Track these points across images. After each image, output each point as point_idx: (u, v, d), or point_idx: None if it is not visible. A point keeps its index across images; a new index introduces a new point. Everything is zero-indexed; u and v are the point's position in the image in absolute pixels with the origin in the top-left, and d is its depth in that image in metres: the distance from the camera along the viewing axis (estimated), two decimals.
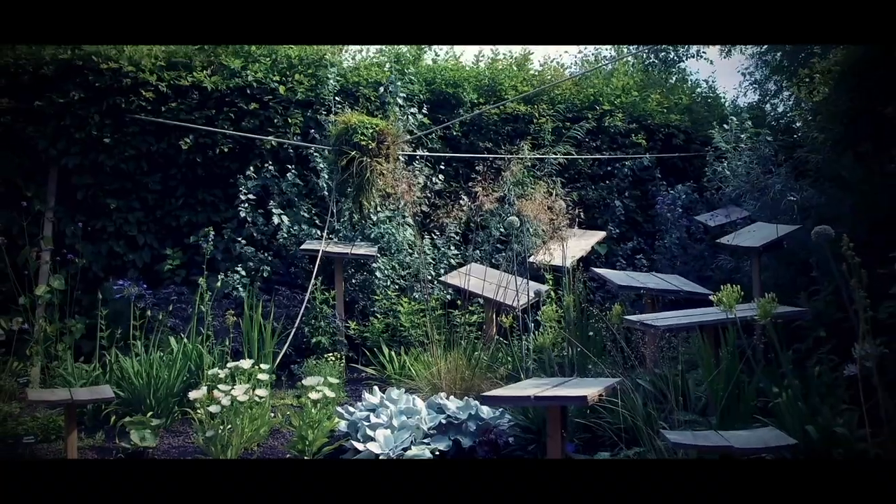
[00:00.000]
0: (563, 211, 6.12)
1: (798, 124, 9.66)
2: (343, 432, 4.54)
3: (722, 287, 3.71)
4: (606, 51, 12.23)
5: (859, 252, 5.64)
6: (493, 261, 7.45)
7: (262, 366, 4.84)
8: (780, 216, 7.02)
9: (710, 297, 3.82)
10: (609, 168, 8.48)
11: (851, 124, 6.06)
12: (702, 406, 4.39)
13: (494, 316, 6.36)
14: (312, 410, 4.43)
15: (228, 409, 4.34)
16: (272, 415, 4.98)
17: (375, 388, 4.98)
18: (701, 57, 12.24)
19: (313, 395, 4.42)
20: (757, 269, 5.97)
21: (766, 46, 11.79)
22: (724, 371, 4.11)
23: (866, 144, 5.76)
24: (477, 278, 6.56)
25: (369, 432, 4.32)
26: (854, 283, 3.00)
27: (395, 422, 4.40)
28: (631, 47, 10.85)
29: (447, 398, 4.71)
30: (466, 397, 4.77)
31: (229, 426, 4.35)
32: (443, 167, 7.80)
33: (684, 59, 11.97)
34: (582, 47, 12.55)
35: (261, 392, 4.46)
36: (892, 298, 4.39)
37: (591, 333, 5.43)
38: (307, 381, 4.56)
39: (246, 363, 4.70)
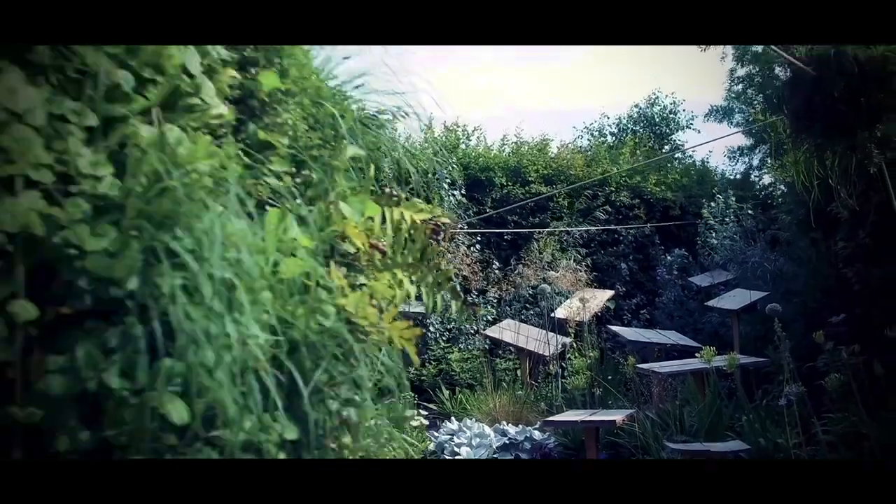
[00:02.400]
0: (584, 280, 8.46)
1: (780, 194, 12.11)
2: (430, 451, 6.74)
3: (706, 346, 6.02)
4: (608, 128, 14.78)
5: (812, 315, 7.97)
6: (521, 317, 9.71)
7: None
8: (757, 281, 9.42)
9: (696, 355, 6.14)
10: (616, 236, 10.86)
11: (811, 212, 8.46)
12: (694, 431, 6.65)
13: (528, 363, 8.61)
14: (412, 434, 6.64)
15: None
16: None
17: (452, 418, 7.20)
18: (690, 128, 14.82)
19: (414, 423, 6.65)
20: (736, 327, 8.32)
21: (752, 111, 14.32)
22: (707, 404, 6.40)
23: (818, 232, 8.14)
24: (513, 332, 8.82)
25: (456, 449, 6.53)
26: (781, 347, 5.32)
27: (473, 441, 6.62)
28: (630, 130, 13.35)
29: (507, 425, 6.94)
30: (521, 424, 7.00)
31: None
32: (479, 238, 10.12)
33: (675, 131, 14.52)
34: (588, 124, 15.08)
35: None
36: (826, 353, 6.69)
37: (609, 377, 7.71)
38: (406, 414, 6.77)
39: None
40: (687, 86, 28.50)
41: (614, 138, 14.42)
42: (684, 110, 15.21)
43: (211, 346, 1.22)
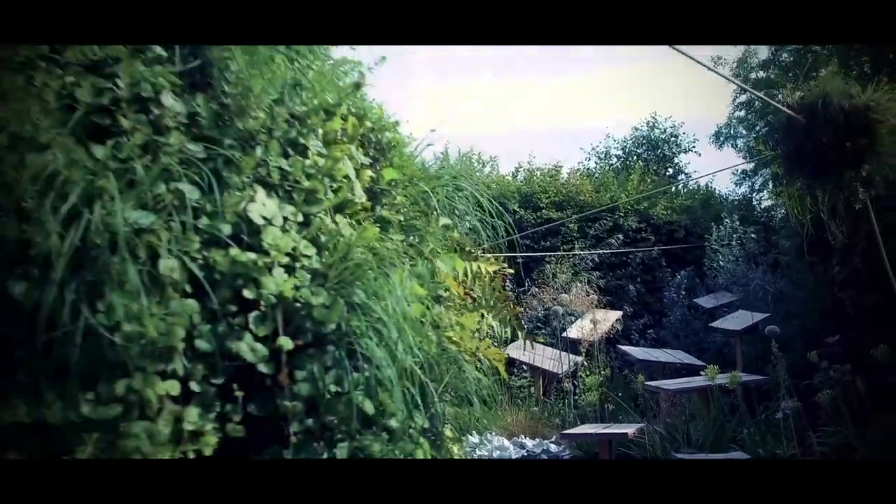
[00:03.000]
0: (595, 301, 9.24)
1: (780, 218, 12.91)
2: None
3: (709, 365, 6.79)
4: (614, 149, 15.65)
5: (810, 336, 8.73)
6: (534, 335, 10.46)
7: None
8: (759, 302, 10.20)
9: (700, 373, 6.91)
10: (624, 259, 11.64)
11: (804, 242, 9.27)
12: (700, 443, 7.40)
13: (542, 380, 9.36)
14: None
15: None
16: None
17: (474, 431, 7.96)
18: (692, 151, 15.69)
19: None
20: (738, 347, 9.09)
21: (753, 137, 15.16)
22: (711, 419, 7.16)
23: (815, 257, 8.93)
24: (528, 351, 9.57)
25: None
26: (777, 366, 6.09)
27: (494, 454, 7.37)
28: (635, 153, 14.19)
29: (525, 438, 7.69)
30: (537, 438, 7.75)
31: None
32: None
33: (678, 154, 15.37)
34: (595, 145, 15.94)
35: None
36: (821, 371, 7.45)
37: (619, 393, 8.47)
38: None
39: None
40: (691, 108, 29.46)
41: (619, 161, 15.27)
42: (684, 133, 16.11)
43: (386, 366, 2.00)
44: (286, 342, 1.92)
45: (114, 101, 1.85)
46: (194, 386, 1.84)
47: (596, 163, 15.31)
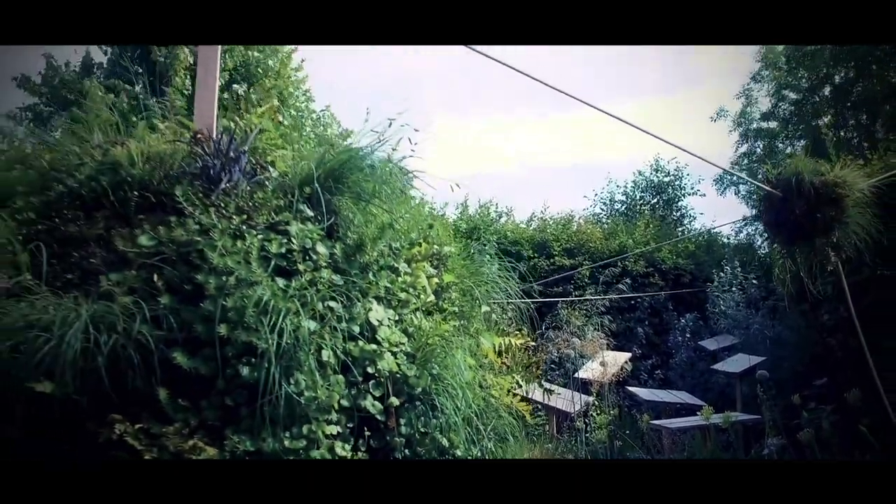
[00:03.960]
0: (605, 345, 10.48)
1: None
2: None
3: (706, 405, 7.99)
4: (617, 193, 17.00)
5: (801, 377, 9.89)
6: (548, 377, 11.65)
7: None
8: (758, 346, 11.40)
9: (697, 413, 8.12)
10: (633, 302, 12.88)
11: (788, 294, 10.48)
12: None
13: (555, 419, 10.54)
14: None
15: None
16: None
17: None
18: (697, 194, 16.99)
19: None
20: (738, 388, 10.29)
21: (756, 185, 16.40)
22: (708, 455, 8.34)
23: (806, 305, 10.15)
24: (542, 392, 10.77)
25: None
26: (764, 407, 7.29)
27: None
28: (640, 197, 15.48)
29: None
30: None
31: None
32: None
33: (682, 198, 16.68)
34: (598, 191, 17.23)
35: None
36: (809, 411, 8.63)
37: (627, 431, 9.65)
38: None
39: None
40: (696, 150, 30.68)
41: (624, 206, 16.58)
42: (688, 175, 17.41)
43: (453, 415, 3.25)
44: (394, 400, 3.18)
45: (289, 251, 3.14)
46: (339, 428, 3.09)
47: (602, 208, 16.65)
